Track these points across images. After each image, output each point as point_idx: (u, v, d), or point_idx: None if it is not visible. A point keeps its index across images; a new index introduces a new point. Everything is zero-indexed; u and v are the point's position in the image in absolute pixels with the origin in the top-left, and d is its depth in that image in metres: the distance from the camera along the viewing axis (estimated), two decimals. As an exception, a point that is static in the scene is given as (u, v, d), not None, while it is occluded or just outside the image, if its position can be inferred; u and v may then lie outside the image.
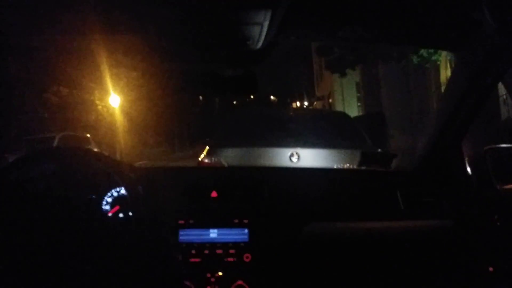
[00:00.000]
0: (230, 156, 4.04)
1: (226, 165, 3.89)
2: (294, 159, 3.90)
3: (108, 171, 1.51)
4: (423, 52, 10.32)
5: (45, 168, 1.49)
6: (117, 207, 1.54)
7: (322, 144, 4.10)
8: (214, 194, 1.68)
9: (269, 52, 1.48)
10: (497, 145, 1.76)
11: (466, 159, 1.74)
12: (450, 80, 1.68)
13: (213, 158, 4.06)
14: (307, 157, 3.91)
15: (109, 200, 1.58)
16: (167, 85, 1.74)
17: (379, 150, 4.19)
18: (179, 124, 19.91)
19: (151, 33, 1.35)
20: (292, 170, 2.58)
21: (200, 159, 4.22)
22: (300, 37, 1.64)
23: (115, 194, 1.58)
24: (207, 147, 4.28)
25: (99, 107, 17.67)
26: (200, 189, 1.71)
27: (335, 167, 3.78)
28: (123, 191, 1.54)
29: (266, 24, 1.20)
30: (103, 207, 1.56)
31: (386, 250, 1.68)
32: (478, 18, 1.23)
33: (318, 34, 1.62)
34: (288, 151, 3.93)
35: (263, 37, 1.29)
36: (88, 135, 14.77)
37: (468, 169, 1.73)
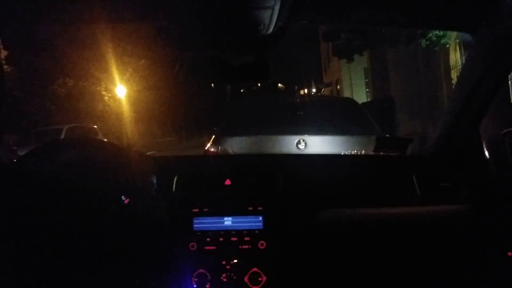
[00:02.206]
0: (236, 145, 4.00)
1: (232, 153, 3.85)
2: (301, 146, 3.84)
3: (123, 160, 1.52)
4: (432, 35, 10.15)
5: (63, 158, 1.48)
6: (132, 196, 1.52)
7: (330, 131, 4.03)
8: (228, 182, 1.68)
9: (280, 38, 1.45)
10: None
11: (484, 142, 1.70)
12: (467, 62, 1.64)
13: (219, 147, 4.03)
14: (314, 144, 3.85)
15: (124, 189, 1.56)
16: (174, 75, 1.70)
17: (388, 135, 4.09)
18: (186, 114, 19.89)
19: (160, 21, 1.34)
20: (306, 157, 2.56)
21: (206, 148, 4.18)
22: (311, 21, 1.61)
23: (129, 182, 1.55)
24: (213, 136, 4.23)
25: (106, 97, 17.75)
26: (213, 177, 1.70)
27: (342, 154, 3.71)
28: (138, 180, 1.53)
29: (277, 7, 1.17)
30: (120, 195, 1.53)
31: (402, 236, 1.66)
32: None
33: (330, 17, 1.59)
34: (295, 139, 3.88)
35: (274, 21, 1.26)
36: (95, 126, 14.84)
37: (486, 153, 1.69)
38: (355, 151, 3.81)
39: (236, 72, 1.59)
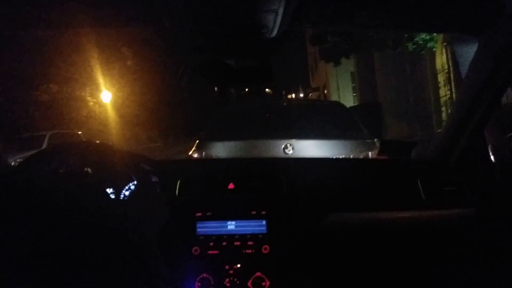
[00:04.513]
0: (220, 150, 3.91)
1: (217, 158, 3.74)
2: (288, 151, 3.75)
3: (123, 163, 1.52)
4: (419, 39, 10.21)
5: (61, 163, 1.48)
6: (132, 200, 1.51)
7: (317, 135, 3.96)
8: (231, 186, 1.69)
9: (284, 41, 1.45)
10: None
11: (489, 146, 1.68)
12: (471, 66, 1.60)
13: (203, 153, 3.91)
14: (302, 149, 3.78)
15: (126, 193, 1.55)
16: (178, 78, 1.70)
17: (375, 139, 4.03)
18: (173, 119, 19.73)
19: (163, 24, 1.30)
20: (310, 160, 2.53)
21: (189, 153, 4.06)
22: (315, 25, 1.62)
23: (132, 187, 1.54)
24: (197, 141, 4.11)
25: (91, 103, 17.56)
26: (217, 181, 1.71)
27: (326, 157, 3.63)
28: (139, 183, 1.52)
29: (281, 11, 1.16)
30: (120, 199, 1.53)
31: (407, 240, 1.65)
32: (499, 2, 1.19)
33: (333, 21, 1.58)
34: (281, 143, 3.80)
35: (278, 25, 1.25)
36: (80, 132, 14.65)
37: (491, 157, 1.68)
38: (343, 155, 3.75)
39: (239, 75, 1.56)
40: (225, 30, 1.35)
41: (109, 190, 1.50)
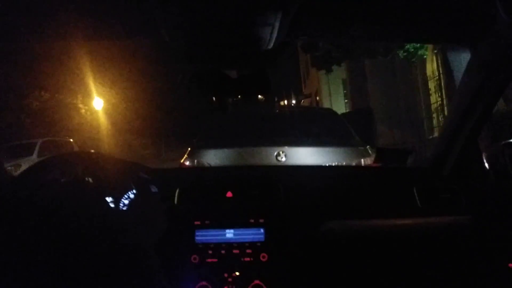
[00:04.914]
0: (213, 158, 3.90)
1: (209, 166, 3.73)
2: (281, 158, 3.75)
3: (122, 173, 1.53)
4: (409, 46, 10.29)
5: (62, 173, 1.48)
6: (131, 209, 1.51)
7: (309, 142, 3.96)
8: (229, 194, 1.69)
9: (280, 52, 1.47)
10: None
11: (483, 154, 1.71)
12: (465, 74, 1.63)
13: (195, 160, 3.90)
14: (294, 156, 3.78)
15: (126, 202, 1.54)
16: (177, 87, 1.67)
17: (368, 146, 4.04)
18: (165, 126, 19.67)
19: (161, 36, 1.31)
20: (307, 168, 2.56)
21: (181, 161, 4.04)
22: (311, 37, 1.64)
23: (131, 196, 1.53)
24: (189, 149, 4.10)
25: (82, 110, 17.49)
26: (215, 189, 1.72)
27: (322, 164, 3.63)
28: (138, 192, 1.53)
29: (277, 24, 1.18)
30: (120, 208, 1.52)
31: (404, 247, 1.67)
32: (492, 12, 1.20)
33: (329, 33, 1.62)
34: (274, 150, 3.80)
35: (274, 37, 1.27)
36: (71, 140, 14.54)
37: (486, 164, 1.70)
38: (336, 162, 3.75)
39: (237, 86, 1.57)
40: (223, 42, 1.36)
41: (109, 199, 1.50)
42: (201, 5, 1.13)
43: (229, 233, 1.60)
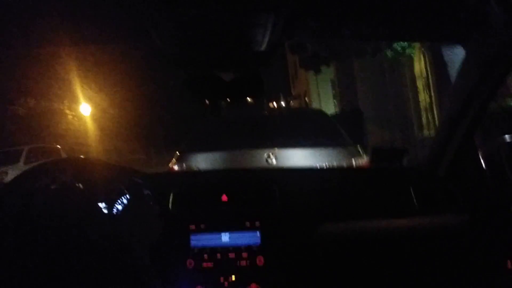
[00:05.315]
0: (201, 161, 3.84)
1: (198, 170, 3.66)
2: (271, 160, 3.70)
3: (115, 178, 1.52)
4: (397, 46, 10.33)
5: (52, 179, 1.46)
6: (125, 214, 1.49)
7: (300, 143, 3.93)
8: (224, 197, 1.68)
9: (274, 54, 1.47)
10: (510, 136, 1.73)
11: (480, 152, 1.69)
12: (459, 73, 1.62)
13: (183, 164, 3.83)
14: (285, 158, 3.74)
15: (119, 207, 1.52)
16: (170, 90, 1.63)
17: (358, 145, 4.02)
18: (154, 130, 19.56)
19: (152, 40, 1.30)
20: (303, 170, 2.53)
21: (169, 165, 3.97)
22: (303, 37, 1.67)
23: (124, 201, 1.52)
24: (177, 153, 4.03)
25: (69, 116, 17.33)
26: (210, 193, 1.71)
27: (314, 166, 3.58)
28: (131, 197, 1.51)
29: (269, 26, 1.18)
30: (113, 214, 1.50)
31: (401, 247, 1.66)
32: (485, 9, 1.20)
33: (322, 33, 1.62)
34: (264, 152, 3.76)
35: (267, 38, 1.27)
36: (58, 146, 14.41)
37: (482, 163, 1.68)
38: (327, 162, 3.72)
39: (230, 88, 1.55)
40: (216, 45, 1.36)
41: (101, 205, 1.48)
42: (193, 8, 1.11)
43: (225, 237, 1.58)
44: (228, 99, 1.58)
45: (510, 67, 1.46)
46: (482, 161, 1.69)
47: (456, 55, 1.57)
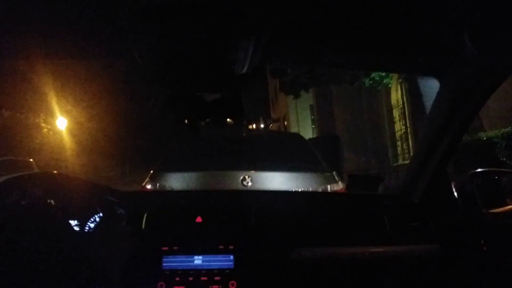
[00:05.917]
0: (175, 181, 3.79)
1: (171, 190, 3.62)
2: (246, 183, 3.68)
3: (88, 195, 1.49)
4: (375, 75, 10.54)
5: (22, 194, 1.41)
6: (97, 232, 1.47)
7: (276, 167, 3.91)
8: (199, 219, 1.66)
9: (255, 76, 1.45)
10: (482, 169, 1.80)
11: (452, 183, 1.74)
12: (434, 105, 1.67)
13: (157, 184, 3.78)
14: (260, 181, 3.72)
15: (92, 225, 1.50)
16: (149, 109, 1.66)
17: (334, 172, 4.04)
18: (130, 147, 19.35)
19: (134, 58, 1.29)
20: (279, 193, 2.52)
21: (143, 184, 3.91)
22: (284, 63, 1.72)
23: (97, 219, 1.50)
24: (151, 172, 3.98)
25: (45, 130, 16.98)
26: (184, 214, 1.68)
27: (289, 190, 3.59)
28: (104, 215, 1.49)
29: (250, 50, 1.18)
30: (85, 231, 1.48)
31: (373, 275, 1.66)
32: (460, 44, 1.24)
33: (302, 60, 1.63)
34: (240, 175, 3.72)
35: (247, 62, 1.27)
36: (31, 160, 14.07)
37: (454, 193, 1.73)
38: (302, 187, 3.72)
39: (210, 109, 1.55)
40: (196, 66, 1.35)
41: (73, 222, 1.46)
42: (174, 28, 1.12)
43: (198, 260, 1.56)
44: (207, 119, 1.59)
45: (483, 100, 1.52)
46: (454, 191, 1.73)
47: (431, 87, 1.62)
